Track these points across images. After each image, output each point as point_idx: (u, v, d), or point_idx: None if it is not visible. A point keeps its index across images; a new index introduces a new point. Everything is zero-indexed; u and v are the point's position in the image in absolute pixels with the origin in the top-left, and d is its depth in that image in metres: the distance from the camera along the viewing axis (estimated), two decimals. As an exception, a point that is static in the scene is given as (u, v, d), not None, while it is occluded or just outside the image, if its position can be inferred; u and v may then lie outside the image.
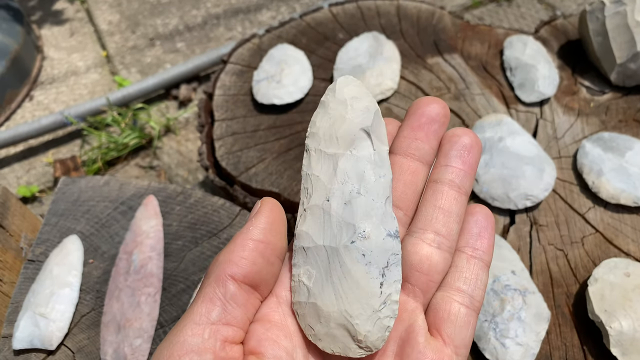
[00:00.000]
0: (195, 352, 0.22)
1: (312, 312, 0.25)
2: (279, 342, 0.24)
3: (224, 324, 0.23)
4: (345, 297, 0.25)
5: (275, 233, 0.25)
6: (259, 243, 0.24)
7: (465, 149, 0.27)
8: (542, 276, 0.50)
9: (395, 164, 0.27)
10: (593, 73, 0.70)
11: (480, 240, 0.27)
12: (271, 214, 0.25)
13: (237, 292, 0.23)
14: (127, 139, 1.01)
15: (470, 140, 0.27)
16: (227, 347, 0.23)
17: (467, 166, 0.27)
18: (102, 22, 1.38)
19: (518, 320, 0.45)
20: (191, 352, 0.22)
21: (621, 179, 0.55)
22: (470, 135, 0.27)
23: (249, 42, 0.80)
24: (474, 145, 0.27)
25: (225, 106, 0.71)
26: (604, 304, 0.45)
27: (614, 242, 0.52)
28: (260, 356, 0.23)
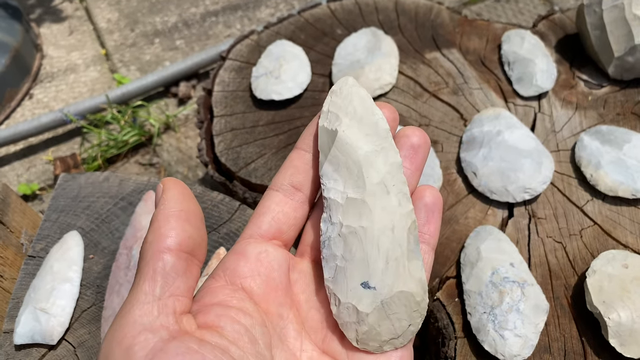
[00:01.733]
0: (148, 330, 0.22)
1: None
2: (238, 319, 0.24)
3: (170, 297, 0.23)
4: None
5: (189, 200, 0.25)
6: (180, 212, 0.24)
7: (413, 149, 0.28)
8: (541, 268, 0.50)
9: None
10: (591, 67, 0.70)
11: (427, 225, 0.28)
12: (176, 186, 0.25)
13: (175, 262, 0.23)
14: (127, 137, 1.02)
15: (418, 140, 0.28)
16: (179, 320, 0.23)
17: (414, 166, 0.28)
18: (101, 20, 1.38)
19: (517, 312, 0.45)
20: (145, 331, 0.22)
21: (619, 172, 0.55)
22: (418, 135, 0.28)
23: (247, 39, 0.80)
24: (422, 144, 0.28)
25: (224, 102, 0.72)
26: (603, 295, 0.45)
27: (612, 234, 0.52)
28: (218, 329, 0.23)
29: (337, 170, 0.27)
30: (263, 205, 0.28)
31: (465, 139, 0.60)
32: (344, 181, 0.27)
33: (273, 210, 0.28)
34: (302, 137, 0.29)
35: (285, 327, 0.27)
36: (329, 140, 0.27)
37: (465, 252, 0.51)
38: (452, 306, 0.49)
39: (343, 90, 0.28)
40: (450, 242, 0.53)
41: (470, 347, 0.46)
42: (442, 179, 0.56)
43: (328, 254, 0.27)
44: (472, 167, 0.57)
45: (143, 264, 0.24)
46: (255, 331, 0.24)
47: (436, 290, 0.50)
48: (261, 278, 0.26)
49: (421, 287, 0.26)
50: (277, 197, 0.28)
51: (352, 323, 0.26)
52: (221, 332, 0.23)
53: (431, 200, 0.28)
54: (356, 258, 0.26)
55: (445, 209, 0.55)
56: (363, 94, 0.28)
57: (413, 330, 0.26)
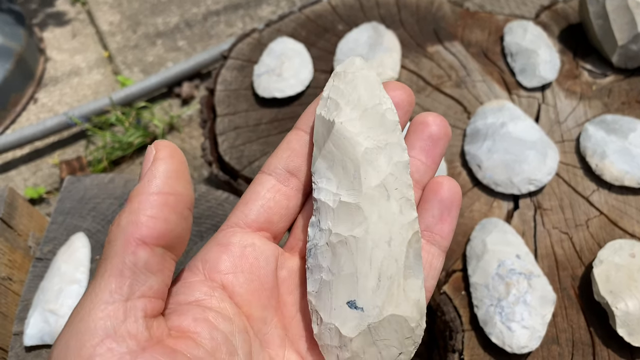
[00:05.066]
0: (112, 338, 0.18)
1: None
2: (216, 325, 0.21)
3: (140, 297, 0.19)
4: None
5: (182, 179, 0.21)
6: (168, 196, 0.20)
7: (431, 140, 0.24)
8: (547, 260, 0.50)
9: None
10: (594, 56, 0.69)
11: (440, 224, 0.24)
12: (171, 159, 0.21)
13: (150, 258, 0.19)
14: (132, 138, 1.02)
15: (438, 130, 0.24)
16: (149, 325, 0.19)
17: (430, 160, 0.24)
18: (104, 22, 1.39)
19: (524, 303, 0.45)
20: (108, 339, 0.18)
21: (625, 161, 0.54)
22: (439, 124, 0.24)
23: (248, 37, 0.80)
24: (442, 136, 0.24)
25: (227, 101, 0.72)
26: (610, 285, 0.45)
27: (618, 223, 0.52)
28: (194, 337, 0.20)
29: (332, 168, 0.23)
30: (253, 190, 0.25)
31: (469, 132, 0.60)
32: (338, 181, 0.23)
33: (264, 197, 0.24)
34: (302, 116, 0.26)
35: (269, 333, 0.23)
36: (325, 131, 0.24)
37: (471, 245, 0.50)
38: (458, 299, 0.48)
39: (348, 74, 0.25)
40: (456, 236, 0.53)
41: (477, 339, 0.46)
42: (446, 173, 0.56)
43: (313, 264, 0.24)
44: (477, 159, 0.56)
45: (111, 252, 0.19)
46: (235, 339, 0.21)
47: (443, 284, 0.50)
48: (245, 276, 0.23)
49: (417, 310, 0.23)
50: (269, 183, 0.25)
51: (334, 347, 0.23)
52: (197, 341, 0.20)
53: (448, 194, 0.24)
54: (344, 272, 0.22)
55: (450, 203, 0.55)
56: (372, 78, 0.24)
57: (404, 359, 0.23)
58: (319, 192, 0.24)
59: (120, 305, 0.18)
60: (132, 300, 0.19)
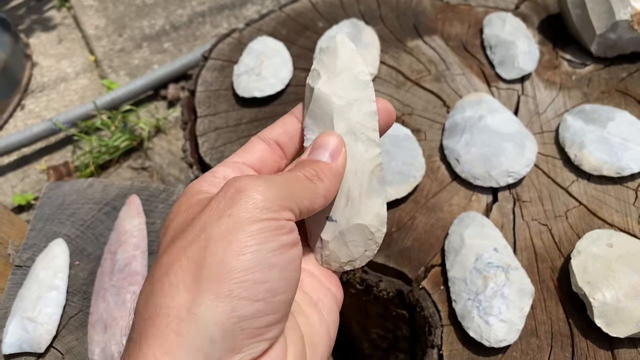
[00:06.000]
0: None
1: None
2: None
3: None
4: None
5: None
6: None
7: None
8: (527, 252, 0.50)
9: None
10: (574, 46, 0.69)
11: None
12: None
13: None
14: (118, 142, 1.02)
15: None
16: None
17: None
18: (89, 27, 1.38)
19: (501, 297, 0.45)
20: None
21: (603, 150, 0.54)
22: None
23: (229, 37, 0.80)
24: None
25: (207, 102, 0.71)
26: (587, 276, 0.44)
27: (597, 213, 0.52)
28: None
29: (315, 123, 0.31)
30: (250, 146, 0.30)
31: (447, 126, 0.59)
32: (319, 131, 0.30)
33: (259, 151, 0.30)
34: (298, 105, 0.32)
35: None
36: (309, 96, 0.31)
37: (449, 240, 0.50)
38: (437, 294, 0.48)
39: (330, 47, 0.31)
40: (435, 230, 0.52)
41: (456, 334, 0.46)
42: (424, 168, 0.55)
43: None
44: (455, 153, 0.56)
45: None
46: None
47: (422, 279, 0.50)
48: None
49: (378, 220, 0.30)
50: (262, 145, 0.30)
51: (318, 248, 0.32)
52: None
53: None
54: None
55: (429, 197, 0.55)
56: (348, 48, 0.30)
57: (369, 255, 0.31)
58: (307, 142, 0.31)
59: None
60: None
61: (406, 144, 0.57)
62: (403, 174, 0.54)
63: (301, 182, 0.27)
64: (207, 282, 0.22)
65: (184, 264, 0.22)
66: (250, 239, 0.23)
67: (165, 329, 0.21)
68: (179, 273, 0.22)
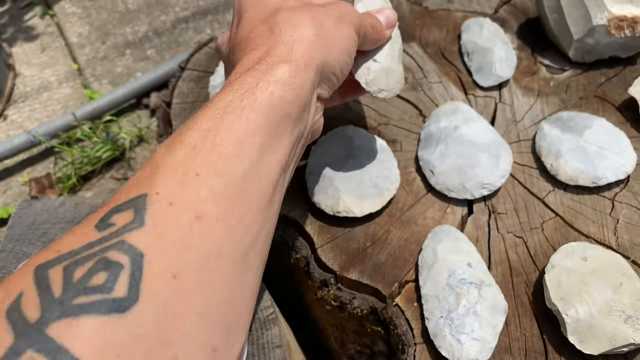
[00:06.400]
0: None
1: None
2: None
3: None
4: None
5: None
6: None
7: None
8: (501, 266, 0.49)
9: None
10: (553, 51, 0.68)
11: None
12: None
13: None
14: (100, 152, 1.01)
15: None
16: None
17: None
18: (72, 34, 1.37)
19: (474, 314, 0.44)
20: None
21: (579, 159, 0.53)
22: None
23: (206, 47, 0.79)
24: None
25: (183, 114, 0.70)
26: (561, 291, 0.44)
27: (574, 225, 0.51)
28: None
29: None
30: None
31: (423, 136, 0.59)
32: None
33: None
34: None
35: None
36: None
37: (423, 255, 0.49)
38: (411, 311, 0.48)
39: None
40: (409, 245, 0.52)
41: (429, 353, 0.45)
42: (399, 180, 0.55)
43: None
44: (430, 165, 0.55)
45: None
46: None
47: (396, 295, 0.49)
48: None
49: (402, 75, 0.49)
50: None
51: (364, 74, 0.44)
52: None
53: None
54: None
55: (404, 210, 0.54)
56: None
57: (395, 91, 0.47)
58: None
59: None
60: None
61: (381, 155, 0.56)
62: (377, 187, 0.53)
63: (369, 22, 0.43)
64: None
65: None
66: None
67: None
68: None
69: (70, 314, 0.20)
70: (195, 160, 0.27)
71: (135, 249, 0.23)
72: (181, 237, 0.24)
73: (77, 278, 0.22)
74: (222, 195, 0.26)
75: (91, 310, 0.21)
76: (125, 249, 0.23)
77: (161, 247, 0.23)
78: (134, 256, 0.23)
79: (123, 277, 0.22)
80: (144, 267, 0.22)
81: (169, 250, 0.24)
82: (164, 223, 0.24)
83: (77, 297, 0.21)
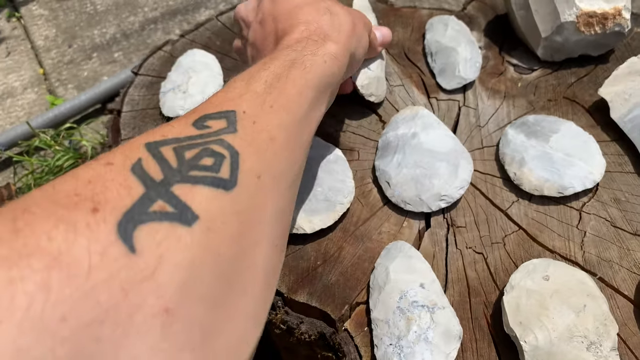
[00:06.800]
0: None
1: None
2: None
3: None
4: None
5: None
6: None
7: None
8: (459, 285, 0.45)
9: None
10: (521, 49, 0.65)
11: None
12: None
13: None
14: (61, 161, 0.96)
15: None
16: None
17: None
18: (39, 37, 1.32)
19: (425, 341, 0.40)
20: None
21: (545, 167, 0.50)
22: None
23: (160, 50, 0.75)
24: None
25: (132, 123, 0.66)
26: (519, 315, 0.40)
27: (538, 238, 0.47)
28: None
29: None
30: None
31: (380, 145, 0.55)
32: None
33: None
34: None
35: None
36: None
37: (374, 274, 0.46)
38: (360, 337, 0.44)
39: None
40: (362, 262, 0.48)
41: (378, 384, 0.41)
42: (354, 193, 0.51)
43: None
44: (386, 175, 0.52)
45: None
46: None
47: (346, 319, 0.45)
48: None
49: (385, 81, 0.58)
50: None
51: (361, 79, 0.54)
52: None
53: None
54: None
55: (358, 225, 0.50)
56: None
57: (383, 95, 0.58)
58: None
59: None
60: None
61: (335, 166, 0.52)
62: (329, 201, 0.49)
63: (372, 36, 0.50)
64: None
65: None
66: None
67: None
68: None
69: (189, 181, 0.25)
70: (270, 95, 0.33)
71: (232, 147, 0.28)
72: (262, 150, 0.30)
73: (188, 157, 0.26)
74: (287, 128, 0.33)
75: (205, 182, 0.25)
76: (225, 146, 0.28)
77: (250, 152, 0.29)
78: (232, 152, 0.28)
79: (225, 165, 0.27)
80: (239, 162, 0.28)
81: (255, 155, 0.29)
82: (251, 135, 0.30)
83: (191, 170, 0.25)
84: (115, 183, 0.23)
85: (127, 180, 0.23)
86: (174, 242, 0.22)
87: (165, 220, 0.22)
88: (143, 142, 0.26)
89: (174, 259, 0.22)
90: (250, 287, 0.28)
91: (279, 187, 0.31)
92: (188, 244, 0.23)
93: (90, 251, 0.19)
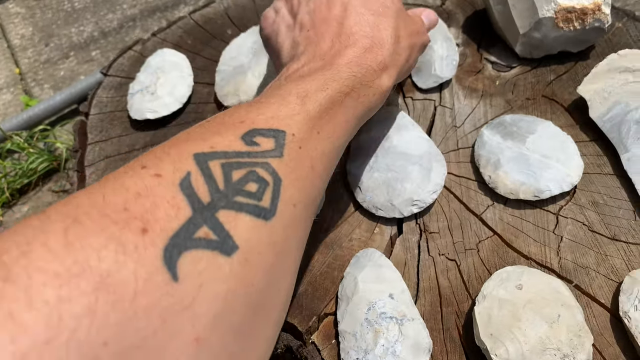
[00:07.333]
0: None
1: None
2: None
3: None
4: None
5: None
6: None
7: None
8: (430, 294, 0.44)
9: None
10: (500, 46, 0.63)
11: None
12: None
13: None
14: (34, 164, 0.94)
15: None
16: None
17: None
18: (15, 36, 1.29)
19: (392, 355, 0.38)
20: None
21: (520, 170, 0.48)
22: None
23: (131, 50, 0.72)
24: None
25: (100, 126, 0.64)
26: (491, 326, 0.38)
27: (513, 244, 0.46)
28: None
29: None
30: None
31: (352, 148, 0.53)
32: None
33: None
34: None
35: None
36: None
37: (343, 284, 0.44)
38: (328, 350, 0.42)
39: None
40: (332, 271, 0.46)
41: (344, 401, 0.39)
42: (324, 199, 0.49)
43: None
44: (357, 180, 0.50)
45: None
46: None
47: (314, 331, 0.43)
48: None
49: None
50: None
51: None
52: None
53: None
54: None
55: (329, 231, 0.49)
56: None
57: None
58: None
59: None
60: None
61: (305, 170, 0.50)
62: None
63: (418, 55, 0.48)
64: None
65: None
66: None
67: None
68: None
69: (233, 208, 0.25)
70: (321, 120, 0.33)
71: (277, 174, 0.28)
72: (301, 178, 0.30)
73: (235, 179, 0.26)
74: (327, 156, 0.33)
75: (248, 210, 0.25)
76: (270, 171, 0.28)
77: (291, 179, 0.29)
78: (276, 179, 0.28)
79: (267, 193, 0.27)
80: (280, 191, 0.28)
81: (295, 184, 0.29)
82: (295, 162, 0.30)
83: (237, 195, 0.25)
84: (164, 201, 0.23)
85: (175, 198, 0.23)
86: (213, 272, 0.23)
87: (208, 248, 0.23)
88: (192, 152, 0.26)
89: (213, 289, 0.22)
90: (273, 313, 0.28)
91: (307, 214, 0.32)
92: (226, 275, 0.23)
93: (136, 276, 0.19)
